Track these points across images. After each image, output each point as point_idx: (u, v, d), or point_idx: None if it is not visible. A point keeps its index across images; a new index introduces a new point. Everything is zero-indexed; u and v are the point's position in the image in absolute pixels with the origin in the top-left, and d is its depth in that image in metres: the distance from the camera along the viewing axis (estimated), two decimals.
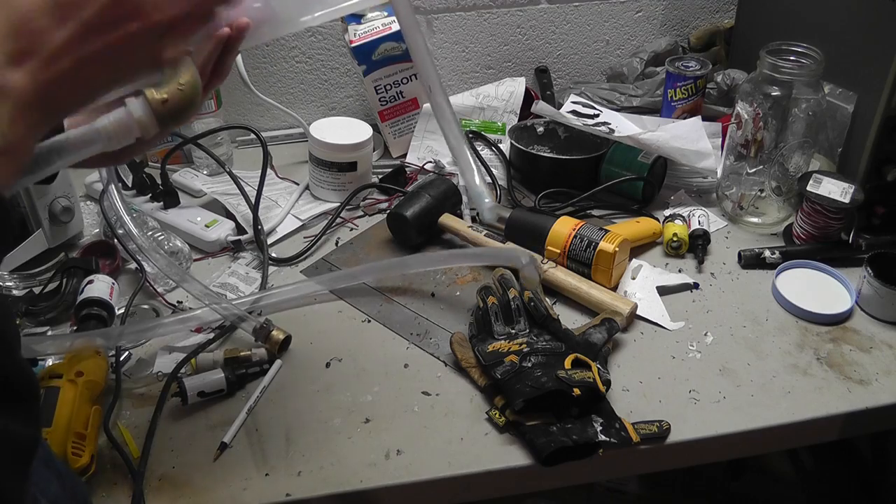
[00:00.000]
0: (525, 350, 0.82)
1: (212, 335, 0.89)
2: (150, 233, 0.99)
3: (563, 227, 0.99)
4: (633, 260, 1.02)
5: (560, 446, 0.72)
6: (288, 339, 0.87)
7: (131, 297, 0.93)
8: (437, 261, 0.99)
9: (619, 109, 1.36)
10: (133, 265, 0.98)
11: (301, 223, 1.11)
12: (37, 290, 0.94)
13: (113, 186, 0.96)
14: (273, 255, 1.04)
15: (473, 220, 1.10)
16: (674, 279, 0.99)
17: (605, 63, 1.46)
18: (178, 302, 0.95)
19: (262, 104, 1.31)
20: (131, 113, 0.52)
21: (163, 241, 0.99)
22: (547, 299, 0.89)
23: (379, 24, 1.20)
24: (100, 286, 0.89)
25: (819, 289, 0.97)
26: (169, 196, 1.09)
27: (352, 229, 1.12)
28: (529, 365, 0.79)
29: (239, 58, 0.74)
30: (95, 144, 0.52)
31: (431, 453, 0.75)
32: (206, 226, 1.06)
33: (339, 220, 1.12)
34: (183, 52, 0.52)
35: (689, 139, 1.17)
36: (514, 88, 1.30)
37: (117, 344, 0.84)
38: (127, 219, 0.93)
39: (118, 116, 0.52)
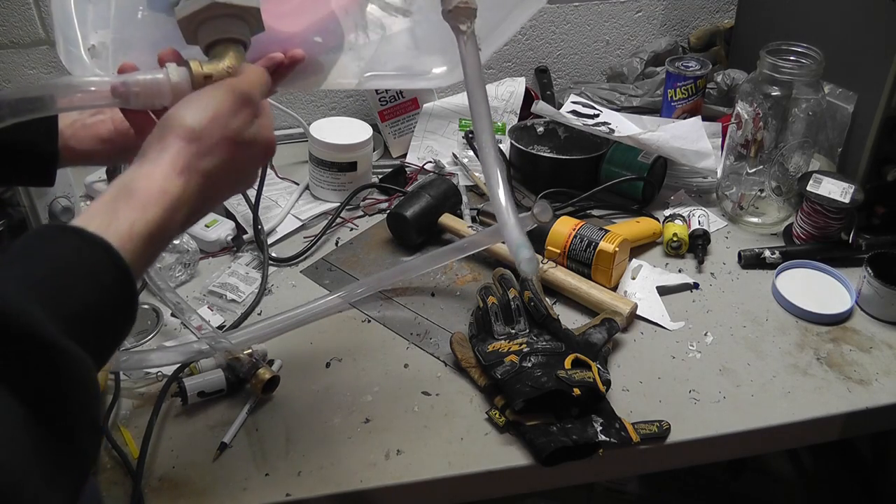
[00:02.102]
0: (525, 350, 0.82)
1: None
2: None
3: (563, 227, 0.99)
4: (633, 260, 1.02)
5: (560, 446, 0.72)
6: (274, 381, 0.81)
7: None
8: (452, 253, 0.95)
9: (619, 109, 1.36)
10: None
11: (301, 223, 1.11)
12: None
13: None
14: (273, 255, 1.04)
15: (473, 220, 1.10)
16: (674, 279, 0.99)
17: (605, 63, 1.46)
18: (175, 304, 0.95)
19: None
20: (169, 77, 0.51)
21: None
22: (547, 299, 0.89)
23: None
24: None
25: (819, 289, 0.97)
26: None
27: (352, 229, 1.12)
28: (529, 365, 0.79)
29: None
30: (118, 97, 0.51)
31: (431, 453, 0.75)
32: (206, 226, 1.06)
33: (339, 220, 1.12)
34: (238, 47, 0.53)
35: (689, 139, 1.17)
36: (514, 88, 1.30)
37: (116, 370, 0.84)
38: None
39: (154, 76, 0.51)
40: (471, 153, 1.24)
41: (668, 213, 1.09)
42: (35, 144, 0.62)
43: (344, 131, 1.15)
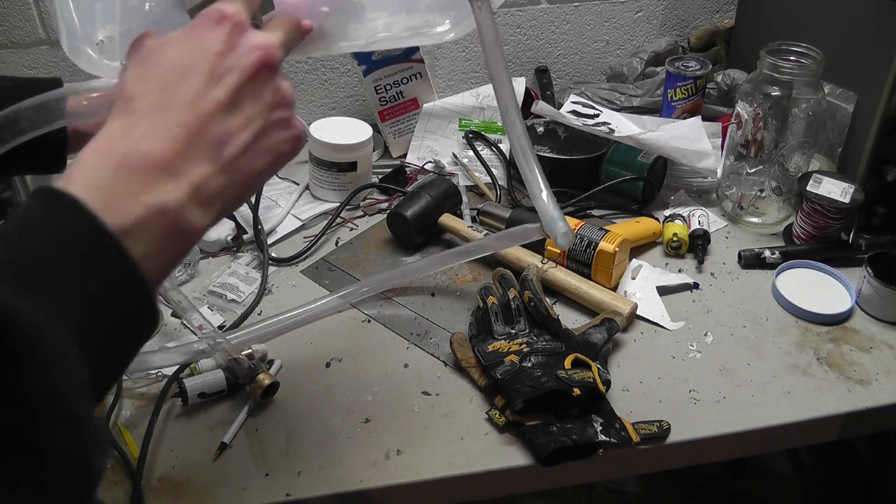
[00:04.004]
0: (525, 350, 0.82)
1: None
2: None
3: None
4: (633, 260, 1.02)
5: (560, 446, 0.72)
6: (274, 386, 0.80)
7: None
8: (460, 256, 0.94)
9: (619, 109, 1.36)
10: None
11: (301, 223, 1.11)
12: None
13: None
14: (273, 255, 1.04)
15: (473, 220, 1.10)
16: (674, 279, 0.99)
17: (605, 63, 1.46)
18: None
19: None
20: None
21: None
22: (547, 299, 0.89)
23: None
24: None
25: (819, 289, 0.97)
26: None
27: (352, 229, 1.12)
28: (529, 365, 0.79)
29: None
30: None
31: (431, 453, 0.75)
32: None
33: (339, 220, 1.12)
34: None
35: (689, 139, 1.17)
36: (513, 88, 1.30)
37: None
38: None
39: None
40: (471, 153, 1.24)
41: (668, 213, 1.09)
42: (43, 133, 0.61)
43: (344, 131, 1.15)
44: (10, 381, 0.31)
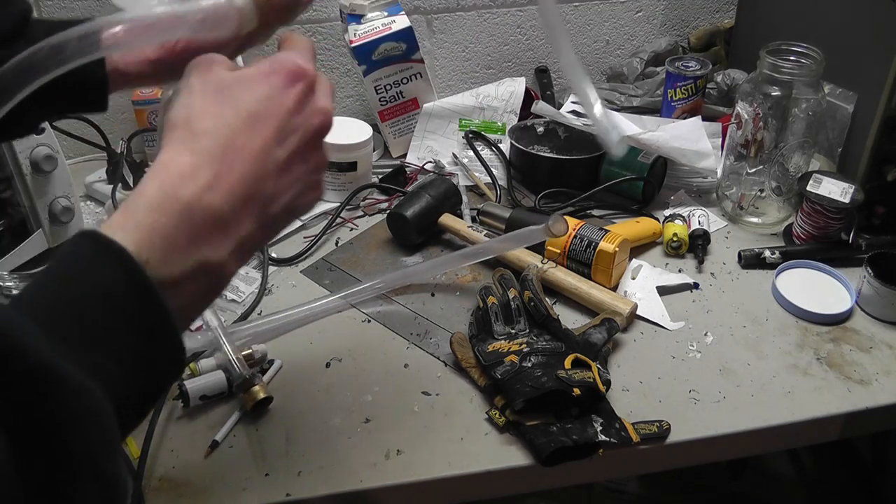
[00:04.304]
0: (525, 350, 0.82)
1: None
2: None
3: None
4: (633, 260, 1.02)
5: (560, 446, 0.72)
6: (268, 400, 0.79)
7: None
8: (466, 258, 0.95)
9: (619, 109, 1.36)
10: None
11: (301, 223, 1.11)
12: None
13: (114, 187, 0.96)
14: (273, 255, 1.04)
15: (473, 220, 1.10)
16: (674, 279, 0.99)
17: (605, 63, 1.46)
18: None
19: None
20: (233, 1, 0.49)
21: None
22: (547, 299, 0.89)
23: (379, 24, 1.20)
24: None
25: (819, 289, 0.97)
26: None
27: (352, 229, 1.12)
28: (529, 365, 0.79)
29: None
30: (181, 28, 0.48)
31: (431, 453, 0.75)
32: None
33: (339, 220, 1.12)
34: None
35: (689, 139, 1.17)
36: (514, 88, 1.30)
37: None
38: None
39: (216, 2, 0.49)
40: (471, 153, 1.24)
41: (668, 213, 1.09)
42: (84, 71, 0.60)
43: (344, 131, 1.15)
44: (51, 438, 0.32)
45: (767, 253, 1.02)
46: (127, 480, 0.36)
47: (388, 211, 1.11)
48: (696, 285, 0.99)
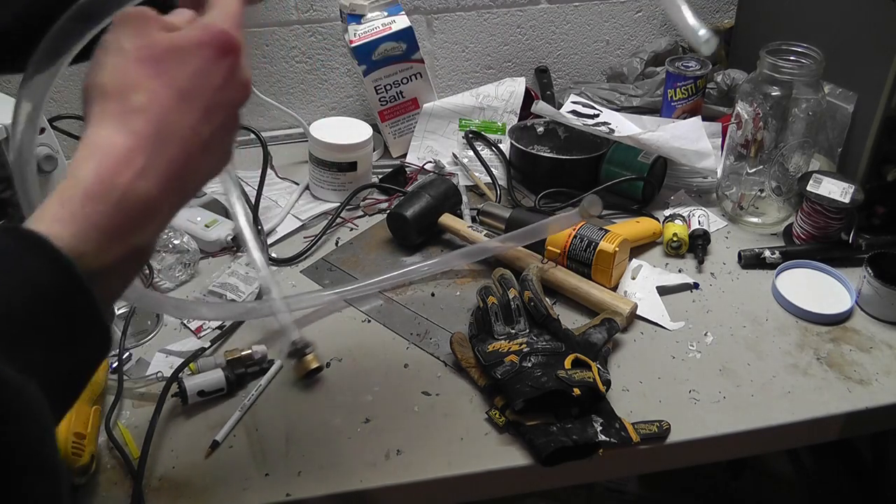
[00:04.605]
0: (525, 350, 0.82)
1: (208, 344, 0.89)
2: None
3: None
4: (633, 260, 1.02)
5: (560, 446, 0.72)
6: (319, 369, 0.83)
7: None
8: (472, 255, 0.96)
9: (619, 109, 1.36)
10: None
11: (301, 223, 1.11)
12: None
13: None
14: (273, 255, 1.04)
15: (473, 220, 1.10)
16: (674, 279, 0.99)
17: (605, 63, 1.46)
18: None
19: (261, 104, 1.31)
20: None
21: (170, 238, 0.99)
22: (547, 299, 0.89)
23: (379, 24, 1.20)
24: None
25: (819, 289, 0.97)
26: None
27: (352, 229, 1.12)
28: (529, 365, 0.79)
29: None
30: None
31: (431, 453, 0.75)
32: (206, 226, 1.06)
33: (339, 220, 1.12)
34: None
35: (689, 139, 1.17)
36: (514, 88, 1.30)
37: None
38: None
39: None
40: (471, 153, 1.24)
41: (668, 213, 1.09)
42: None
43: (344, 131, 1.15)
44: None
45: (767, 253, 1.02)
46: (63, 467, 0.37)
47: (388, 211, 1.11)
48: (696, 285, 0.99)
